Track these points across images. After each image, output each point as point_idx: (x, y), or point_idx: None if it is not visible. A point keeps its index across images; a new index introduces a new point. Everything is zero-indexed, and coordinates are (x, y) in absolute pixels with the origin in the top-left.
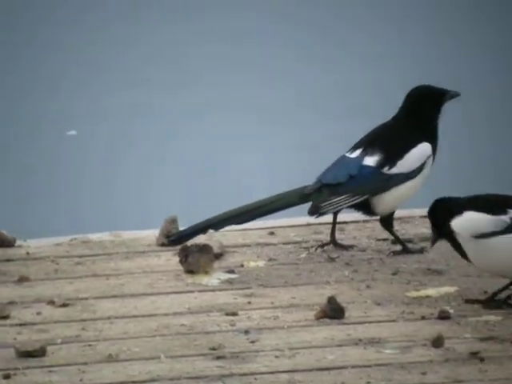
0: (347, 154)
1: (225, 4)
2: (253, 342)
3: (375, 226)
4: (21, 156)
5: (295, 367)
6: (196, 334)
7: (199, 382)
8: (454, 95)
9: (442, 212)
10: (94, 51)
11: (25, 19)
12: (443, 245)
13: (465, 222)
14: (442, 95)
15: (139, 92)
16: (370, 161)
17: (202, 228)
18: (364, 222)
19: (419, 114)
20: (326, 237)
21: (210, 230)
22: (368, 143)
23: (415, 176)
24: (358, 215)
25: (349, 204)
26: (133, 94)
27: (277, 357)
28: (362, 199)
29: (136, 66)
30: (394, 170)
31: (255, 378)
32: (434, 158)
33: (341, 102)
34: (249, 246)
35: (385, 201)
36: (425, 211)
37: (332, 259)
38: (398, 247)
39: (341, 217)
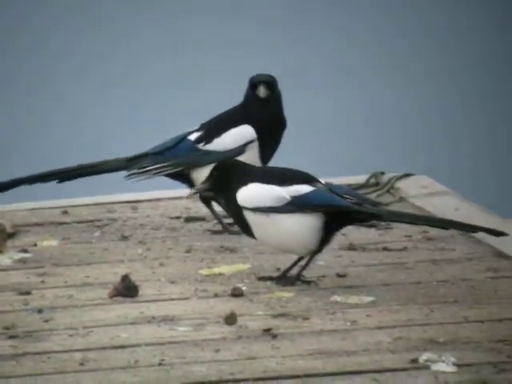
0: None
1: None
2: (46, 320)
3: (168, 204)
4: None
5: (89, 346)
6: None
7: None
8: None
9: (227, 173)
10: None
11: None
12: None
13: (248, 194)
14: (275, 82)
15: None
16: (193, 136)
17: (22, 181)
18: (157, 200)
19: (251, 100)
20: (119, 215)
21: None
22: (206, 122)
23: (232, 156)
24: (150, 193)
25: (165, 173)
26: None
27: (70, 335)
28: (176, 170)
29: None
30: (209, 147)
31: (49, 357)
32: (267, 144)
33: None
34: (42, 225)
35: (202, 176)
36: None
37: (125, 238)
38: (219, 226)
39: (134, 195)
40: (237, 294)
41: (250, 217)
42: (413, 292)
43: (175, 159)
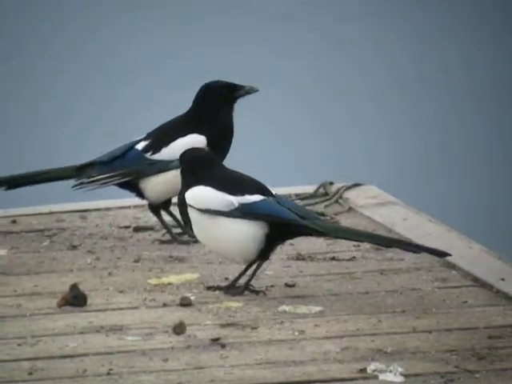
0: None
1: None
2: None
3: (117, 214)
4: None
5: (37, 355)
6: None
7: None
8: (249, 91)
9: (192, 164)
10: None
11: None
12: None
13: (196, 194)
14: (230, 88)
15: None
16: (140, 146)
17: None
18: (106, 209)
19: (202, 108)
20: (68, 224)
21: None
22: (153, 131)
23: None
24: (99, 203)
25: (113, 183)
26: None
27: (19, 345)
28: (125, 180)
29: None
30: (157, 156)
31: None
32: (216, 153)
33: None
34: None
35: (150, 186)
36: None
37: (74, 247)
38: (168, 236)
39: (83, 204)
40: (185, 303)
41: (193, 215)
42: (361, 302)
43: (123, 169)
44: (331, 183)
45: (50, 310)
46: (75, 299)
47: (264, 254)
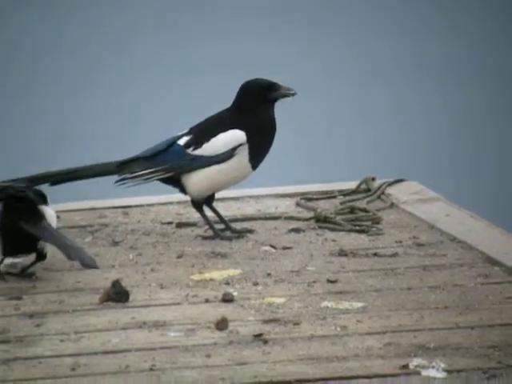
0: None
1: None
2: (38, 325)
3: (160, 210)
4: None
5: (80, 351)
6: None
7: None
8: (286, 94)
9: None
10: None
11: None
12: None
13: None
14: (267, 88)
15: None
16: (182, 141)
17: (22, 180)
18: (148, 205)
19: (241, 105)
20: (110, 220)
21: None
22: (194, 126)
23: (222, 161)
24: (142, 199)
25: (155, 178)
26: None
27: (62, 340)
28: (167, 175)
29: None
30: (198, 152)
31: (40, 362)
32: (256, 149)
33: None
34: None
35: (192, 181)
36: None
37: (116, 243)
38: (210, 231)
39: (125, 200)
40: (227, 299)
41: None
42: (403, 298)
43: (165, 164)
44: (373, 179)
45: (92, 306)
46: (117, 295)
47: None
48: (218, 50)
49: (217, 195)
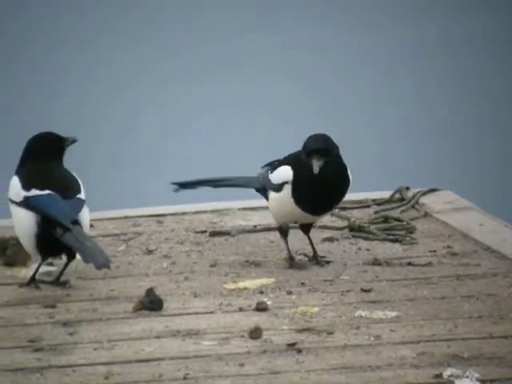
0: None
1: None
2: (71, 334)
3: (193, 219)
4: None
5: (113, 359)
6: (14, 326)
7: (17, 374)
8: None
9: None
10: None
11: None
12: (262, 236)
13: (11, 183)
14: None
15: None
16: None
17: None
18: (182, 214)
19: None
20: (144, 228)
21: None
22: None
23: (276, 189)
24: (175, 207)
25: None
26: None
27: (95, 349)
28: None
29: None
30: (270, 177)
31: (73, 370)
32: (302, 190)
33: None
34: None
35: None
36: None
37: (150, 251)
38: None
39: (159, 209)
40: (261, 308)
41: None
42: (437, 307)
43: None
44: (407, 188)
45: (126, 315)
46: (151, 303)
47: (42, 243)
48: (219, 50)
49: (252, 204)
